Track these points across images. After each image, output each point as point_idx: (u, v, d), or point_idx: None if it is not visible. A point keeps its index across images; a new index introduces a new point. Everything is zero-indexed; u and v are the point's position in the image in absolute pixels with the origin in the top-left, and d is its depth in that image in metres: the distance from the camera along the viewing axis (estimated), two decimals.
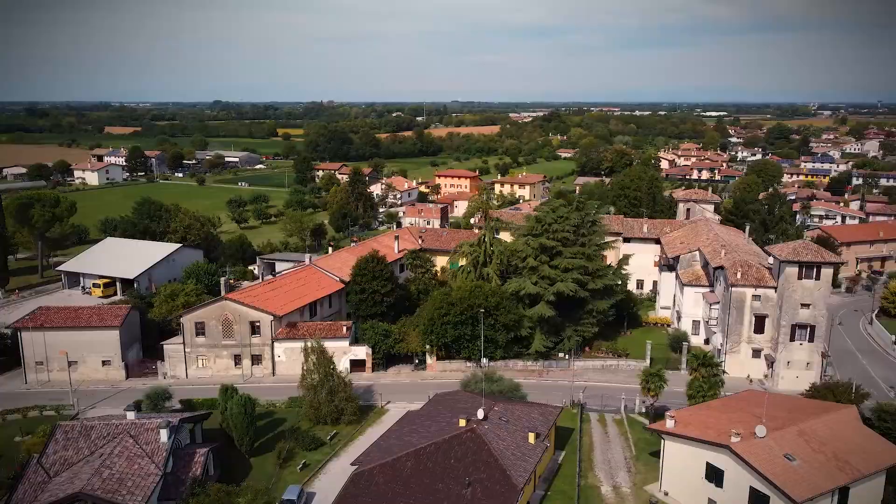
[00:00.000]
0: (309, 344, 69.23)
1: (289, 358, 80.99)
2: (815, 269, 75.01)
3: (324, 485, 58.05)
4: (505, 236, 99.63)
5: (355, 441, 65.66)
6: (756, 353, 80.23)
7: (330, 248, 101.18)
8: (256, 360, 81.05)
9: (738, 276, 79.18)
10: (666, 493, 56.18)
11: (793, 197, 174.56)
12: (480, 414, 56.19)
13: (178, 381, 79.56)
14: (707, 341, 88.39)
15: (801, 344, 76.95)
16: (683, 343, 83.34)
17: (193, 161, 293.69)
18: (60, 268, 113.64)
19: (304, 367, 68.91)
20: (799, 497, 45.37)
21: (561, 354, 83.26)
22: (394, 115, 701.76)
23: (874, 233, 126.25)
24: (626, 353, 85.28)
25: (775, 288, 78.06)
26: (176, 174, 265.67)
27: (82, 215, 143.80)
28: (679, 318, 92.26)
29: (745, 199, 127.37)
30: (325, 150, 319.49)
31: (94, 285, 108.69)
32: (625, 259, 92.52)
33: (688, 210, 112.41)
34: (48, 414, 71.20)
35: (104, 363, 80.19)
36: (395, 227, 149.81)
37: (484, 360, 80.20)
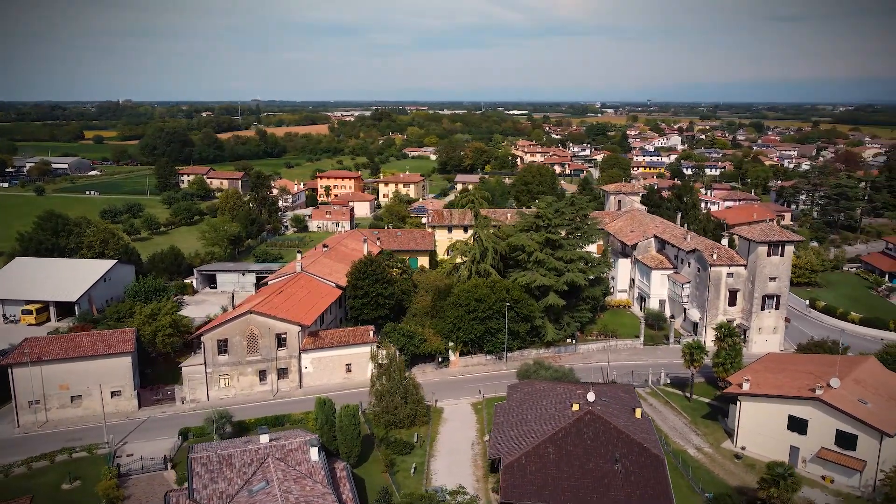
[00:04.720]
0: (378, 350, 68.63)
1: (316, 369, 78.68)
2: (780, 247, 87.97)
3: (443, 486, 58.65)
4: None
5: (437, 441, 66.64)
6: (730, 323, 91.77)
7: (299, 255, 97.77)
8: (282, 373, 77.62)
9: (714, 257, 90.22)
10: (743, 448, 64.18)
11: (655, 185, 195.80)
12: (591, 397, 59.93)
13: (200, 405, 74.06)
14: (672, 317, 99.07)
15: (769, 312, 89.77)
16: (670, 319, 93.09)
17: (12, 169, 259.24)
18: None
19: (373, 374, 68.25)
20: (892, 431, 55.18)
21: (569, 340, 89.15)
22: (204, 114, 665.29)
23: (749, 215, 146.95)
24: (615, 333, 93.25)
25: (745, 265, 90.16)
26: (0, 184, 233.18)
27: None
28: (645, 300, 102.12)
29: (654, 190, 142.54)
30: (163, 152, 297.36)
31: (25, 311, 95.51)
32: (607, 248, 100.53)
33: (619, 202, 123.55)
34: (79, 456, 63.50)
35: (113, 394, 72.23)
36: (342, 230, 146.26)
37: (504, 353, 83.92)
